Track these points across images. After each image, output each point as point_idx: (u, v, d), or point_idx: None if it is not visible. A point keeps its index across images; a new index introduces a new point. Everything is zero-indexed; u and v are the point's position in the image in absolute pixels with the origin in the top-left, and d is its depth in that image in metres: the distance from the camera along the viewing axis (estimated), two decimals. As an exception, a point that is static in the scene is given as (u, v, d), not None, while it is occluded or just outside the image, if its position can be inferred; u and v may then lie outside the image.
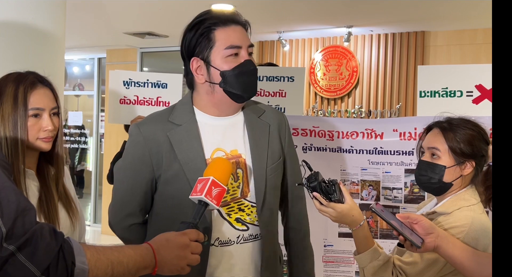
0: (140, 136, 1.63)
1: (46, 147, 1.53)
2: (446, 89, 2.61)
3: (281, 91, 3.05)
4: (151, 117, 1.71)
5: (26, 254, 0.97)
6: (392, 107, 5.54)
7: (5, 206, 0.98)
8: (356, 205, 1.57)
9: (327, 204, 1.53)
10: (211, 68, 1.59)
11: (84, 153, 7.58)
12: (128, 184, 1.67)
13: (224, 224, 1.61)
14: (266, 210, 1.64)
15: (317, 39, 5.91)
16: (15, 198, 1.01)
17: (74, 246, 1.04)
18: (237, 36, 1.58)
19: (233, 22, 1.59)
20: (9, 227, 0.97)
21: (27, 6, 2.37)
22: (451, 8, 4.49)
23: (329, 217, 1.57)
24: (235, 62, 1.57)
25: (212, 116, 1.66)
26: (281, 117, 1.77)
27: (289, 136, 1.78)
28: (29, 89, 1.49)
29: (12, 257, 0.96)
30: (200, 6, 4.39)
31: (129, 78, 3.01)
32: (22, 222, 0.99)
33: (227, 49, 1.57)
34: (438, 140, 1.65)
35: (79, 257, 1.03)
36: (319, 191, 1.52)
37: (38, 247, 0.98)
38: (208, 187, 1.35)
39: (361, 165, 2.53)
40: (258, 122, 1.69)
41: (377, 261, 1.57)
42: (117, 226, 1.73)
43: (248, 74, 1.59)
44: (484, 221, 1.58)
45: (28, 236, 0.98)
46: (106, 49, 7.10)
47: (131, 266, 1.13)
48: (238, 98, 1.61)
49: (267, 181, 1.64)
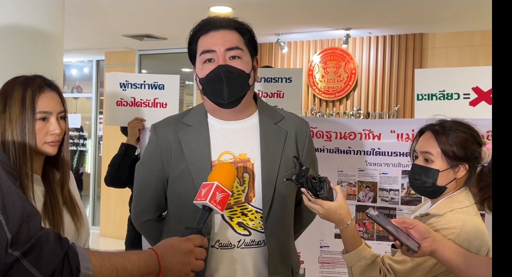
0: (154, 135, 1.70)
1: (52, 151, 1.53)
2: (443, 91, 2.62)
3: (279, 92, 3.05)
4: (167, 118, 1.77)
5: (31, 260, 0.97)
6: (391, 109, 5.55)
7: (11, 211, 0.98)
8: (346, 204, 1.58)
9: (314, 200, 1.54)
10: (197, 76, 1.64)
11: (82, 156, 7.58)
12: (142, 182, 1.74)
13: (226, 227, 1.60)
14: (274, 218, 1.62)
15: (315, 41, 5.91)
16: (21, 203, 1.01)
17: (79, 252, 1.04)
18: (213, 41, 1.59)
19: (212, 28, 1.60)
20: (15, 233, 0.97)
21: (25, 9, 2.38)
22: (449, 10, 4.50)
23: (316, 213, 1.58)
24: (210, 68, 1.58)
25: (222, 120, 1.67)
26: (301, 124, 1.74)
27: (309, 144, 1.74)
28: (37, 93, 1.49)
29: (17, 263, 0.96)
30: (198, 9, 4.43)
31: (125, 80, 3.01)
32: (27, 227, 0.99)
33: (201, 54, 1.60)
34: (430, 144, 1.65)
35: (84, 263, 1.03)
36: (306, 187, 1.53)
37: (43, 253, 0.98)
38: (212, 192, 1.34)
39: (358, 166, 2.53)
40: (273, 128, 1.68)
41: (364, 260, 1.58)
42: (135, 220, 1.79)
43: (216, 80, 1.57)
44: (477, 223, 1.58)
45: (33, 242, 0.98)
46: (104, 51, 7.10)
47: (135, 272, 1.13)
48: (220, 105, 1.62)
49: (277, 189, 1.62)
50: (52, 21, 2.52)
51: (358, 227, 2.52)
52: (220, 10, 4.48)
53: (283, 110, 1.81)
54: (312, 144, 1.78)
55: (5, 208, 0.98)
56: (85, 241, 1.65)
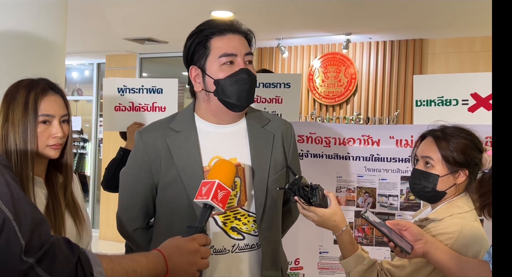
0: (140, 142, 1.66)
1: (54, 155, 1.53)
2: (441, 98, 2.63)
3: (277, 98, 3.06)
4: (153, 124, 1.74)
5: (45, 267, 0.96)
6: (390, 114, 5.56)
7: (23, 218, 0.97)
8: (340, 210, 1.59)
9: (307, 208, 1.55)
10: (206, 77, 1.60)
11: (82, 159, 7.58)
12: (130, 190, 1.70)
13: (219, 232, 1.61)
14: (267, 221, 1.64)
15: (316, 46, 5.93)
16: (30, 209, 1.01)
17: (90, 257, 1.04)
18: (233, 44, 1.59)
19: (230, 31, 1.60)
20: (28, 240, 0.96)
21: (28, 13, 2.38)
22: (449, 16, 4.52)
23: (311, 221, 1.59)
24: (230, 71, 1.58)
25: (212, 123, 1.66)
26: (287, 127, 1.76)
27: (294, 146, 1.77)
28: (40, 96, 1.49)
29: (32, 271, 0.95)
30: (199, 13, 4.45)
31: (123, 85, 3.01)
32: (39, 234, 0.99)
33: (221, 57, 1.57)
34: (431, 149, 1.66)
35: (96, 267, 1.03)
36: (299, 195, 1.54)
37: (56, 260, 0.98)
38: (214, 191, 1.34)
39: (357, 172, 2.53)
40: (261, 131, 1.69)
41: (362, 265, 1.59)
42: (122, 230, 1.75)
43: (241, 82, 1.58)
44: (475, 228, 1.59)
45: (46, 248, 0.98)
46: (105, 55, 7.11)
47: (144, 274, 1.14)
48: (232, 107, 1.61)
49: (268, 192, 1.63)
50: (55, 25, 2.52)
51: (357, 233, 2.52)
52: (221, 15, 4.49)
53: (268, 113, 1.82)
54: (296, 145, 1.82)
55: (17, 214, 0.97)
56: (87, 245, 1.65)
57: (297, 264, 2.57)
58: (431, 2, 4.03)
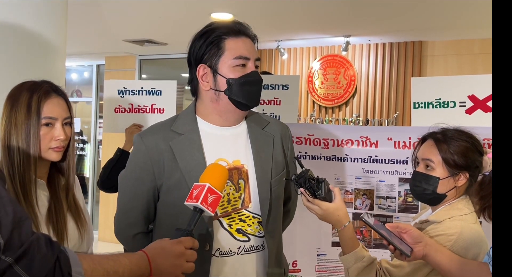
0: (142, 145, 1.65)
1: (56, 157, 1.53)
2: (439, 100, 2.64)
3: (275, 99, 3.07)
4: (153, 126, 1.74)
5: (23, 265, 0.97)
6: (390, 116, 5.56)
7: (3, 217, 0.98)
8: (344, 206, 1.60)
9: (312, 200, 1.57)
10: (217, 76, 1.61)
11: (81, 160, 7.58)
12: (131, 193, 1.68)
13: (225, 234, 1.61)
14: (272, 222, 1.65)
15: (315, 48, 5.93)
16: (12, 208, 1.01)
17: (70, 256, 1.05)
18: (247, 48, 1.62)
19: (244, 34, 1.63)
20: (7, 239, 0.97)
21: (29, 14, 2.38)
22: (448, 19, 4.52)
23: (315, 214, 1.61)
24: (242, 72, 1.61)
25: (215, 125, 1.67)
26: (284, 128, 1.80)
27: (291, 147, 1.81)
28: (43, 98, 1.49)
29: (10, 269, 0.96)
30: (199, 15, 4.45)
31: (123, 87, 3.04)
32: (19, 233, 0.99)
33: (236, 59, 1.60)
34: (432, 152, 1.67)
35: (75, 267, 1.04)
36: (305, 187, 1.56)
37: (34, 259, 0.98)
38: (204, 194, 1.34)
39: (355, 174, 2.53)
40: (262, 133, 1.71)
41: (361, 262, 1.60)
42: (122, 235, 1.74)
43: (253, 84, 1.62)
44: (475, 230, 1.59)
45: (25, 247, 0.98)
46: (105, 56, 7.11)
47: (126, 275, 1.14)
48: (242, 106, 1.64)
49: (272, 193, 1.65)
50: (55, 27, 2.53)
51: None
52: (221, 17, 4.50)
53: (266, 115, 1.86)
54: (293, 147, 1.86)
55: None
56: (88, 247, 1.65)
57: (294, 267, 2.57)
58: (431, 4, 4.04)
